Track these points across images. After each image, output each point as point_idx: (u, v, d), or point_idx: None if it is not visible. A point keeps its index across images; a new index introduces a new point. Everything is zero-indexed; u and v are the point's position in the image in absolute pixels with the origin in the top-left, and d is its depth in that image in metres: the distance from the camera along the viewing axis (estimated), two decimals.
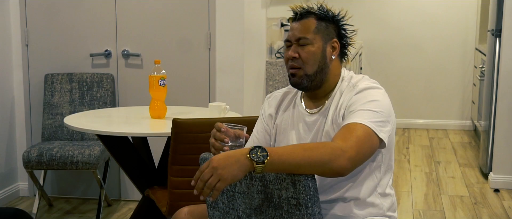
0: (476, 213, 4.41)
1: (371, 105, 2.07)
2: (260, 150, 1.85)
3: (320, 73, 2.17)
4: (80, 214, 4.33)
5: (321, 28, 2.18)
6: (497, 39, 5.08)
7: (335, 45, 2.20)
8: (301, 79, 2.17)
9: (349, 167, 1.92)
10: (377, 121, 2.04)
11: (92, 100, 4.42)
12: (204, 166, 1.84)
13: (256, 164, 1.83)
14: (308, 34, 2.16)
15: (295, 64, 2.17)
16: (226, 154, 1.85)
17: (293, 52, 2.17)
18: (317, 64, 2.17)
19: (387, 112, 2.09)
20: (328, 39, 2.19)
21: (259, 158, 1.84)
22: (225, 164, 1.82)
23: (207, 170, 1.82)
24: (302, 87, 2.20)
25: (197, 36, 4.35)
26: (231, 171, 1.82)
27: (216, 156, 1.84)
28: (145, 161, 3.52)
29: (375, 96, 2.11)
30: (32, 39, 4.53)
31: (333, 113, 2.17)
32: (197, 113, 3.59)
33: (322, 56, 2.17)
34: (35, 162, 4.02)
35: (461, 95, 7.35)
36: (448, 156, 6.10)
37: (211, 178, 1.82)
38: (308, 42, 2.16)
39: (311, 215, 1.92)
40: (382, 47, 7.43)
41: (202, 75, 4.39)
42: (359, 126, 2.00)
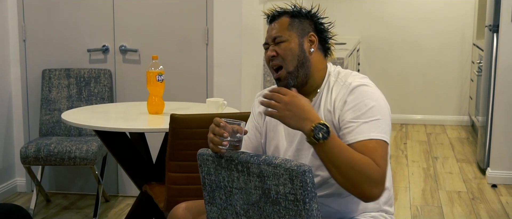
0: (474, 208, 4.42)
1: (372, 113, 2.07)
2: (325, 129, 1.93)
3: (302, 68, 2.19)
4: (77, 210, 4.34)
5: (295, 24, 2.21)
6: (494, 34, 5.08)
7: (313, 39, 2.22)
8: (286, 80, 2.19)
9: (379, 196, 1.98)
10: (382, 128, 2.06)
11: (90, 96, 4.41)
12: (284, 91, 1.99)
13: (313, 137, 1.93)
14: (283, 32, 2.21)
15: (276, 63, 2.20)
16: (305, 104, 1.97)
17: (271, 51, 2.21)
18: (296, 59, 2.18)
19: (385, 113, 2.10)
20: (303, 34, 2.22)
21: (318, 136, 1.93)
22: (294, 109, 1.96)
23: (282, 96, 1.98)
24: (290, 87, 2.18)
25: (195, 32, 4.35)
26: (292, 117, 1.96)
27: (300, 97, 1.98)
28: (143, 156, 3.52)
29: (371, 100, 2.10)
30: (29, 34, 4.52)
31: (324, 110, 2.16)
32: (195, 109, 3.59)
33: (300, 50, 2.19)
34: (33, 157, 4.02)
35: (458, 90, 7.35)
36: (446, 151, 6.11)
37: (277, 103, 1.97)
38: (283, 39, 2.20)
39: (308, 211, 1.92)
40: (380, 42, 7.43)
41: (199, 71, 4.38)
42: (376, 143, 2.02)
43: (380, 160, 1.98)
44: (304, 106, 1.96)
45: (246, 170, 2.00)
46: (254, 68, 4.73)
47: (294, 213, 1.94)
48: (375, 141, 2.01)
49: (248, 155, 2.01)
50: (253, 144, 2.32)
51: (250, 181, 2.01)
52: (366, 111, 2.07)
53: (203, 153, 2.11)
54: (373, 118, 2.05)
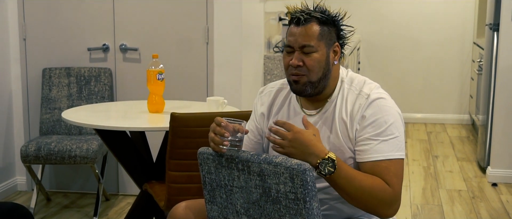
0: (474, 207, 4.42)
1: (391, 130, 2.06)
2: (331, 164, 1.95)
3: (323, 80, 2.12)
4: (78, 209, 4.34)
5: (324, 33, 2.10)
6: (495, 33, 5.08)
7: (337, 50, 2.15)
8: (304, 86, 2.11)
9: (393, 216, 2.03)
10: (402, 145, 2.08)
11: (90, 94, 4.41)
12: (288, 126, 1.97)
13: (318, 173, 1.97)
14: (313, 41, 2.08)
15: (299, 72, 2.10)
16: (309, 140, 1.96)
17: (298, 61, 2.09)
18: (322, 72, 2.11)
19: (402, 127, 2.11)
20: (330, 44, 2.12)
21: (324, 171, 1.96)
22: (299, 147, 1.95)
23: (287, 133, 1.95)
24: (305, 95, 2.15)
25: (195, 31, 4.35)
26: (297, 154, 1.95)
27: (303, 132, 1.96)
28: (143, 155, 3.52)
29: (391, 115, 2.08)
30: (29, 33, 4.52)
31: (339, 119, 2.14)
32: (195, 107, 3.59)
33: (326, 62, 2.11)
34: (33, 156, 4.02)
35: (459, 89, 7.35)
36: (446, 150, 6.11)
37: (281, 141, 1.95)
38: (313, 50, 2.08)
39: (309, 210, 1.92)
40: (380, 41, 7.43)
41: (200, 70, 4.38)
42: (393, 163, 2.04)
43: (393, 179, 2.01)
44: (309, 141, 1.95)
45: (247, 169, 1.99)
46: (255, 67, 4.73)
47: (295, 211, 1.94)
48: (390, 161, 2.04)
49: (248, 154, 2.01)
50: (252, 145, 2.31)
51: (250, 179, 2.01)
52: (385, 129, 2.05)
53: (203, 151, 2.11)
54: (392, 136, 2.05)
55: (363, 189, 1.96)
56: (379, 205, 1.97)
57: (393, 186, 2.00)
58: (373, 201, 1.96)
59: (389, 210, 2.00)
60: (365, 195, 1.96)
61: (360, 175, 2.00)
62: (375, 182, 1.98)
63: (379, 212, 1.99)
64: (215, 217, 2.16)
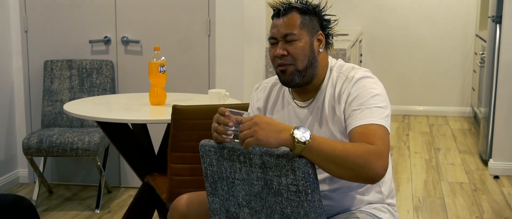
0: (476, 199, 4.42)
1: (375, 100, 2.06)
2: (303, 130, 1.88)
3: (310, 68, 2.15)
4: (80, 201, 4.34)
5: (306, 22, 2.14)
6: (497, 25, 5.07)
7: (321, 38, 2.18)
8: (292, 75, 2.14)
9: (384, 174, 1.93)
10: (385, 116, 2.05)
11: (92, 87, 4.41)
12: (247, 118, 1.92)
13: (297, 142, 1.86)
14: (294, 29, 2.13)
15: (284, 62, 2.14)
16: (273, 120, 1.90)
17: (282, 50, 2.13)
18: (307, 59, 2.14)
19: (388, 104, 2.10)
20: (313, 32, 2.16)
21: (301, 138, 1.87)
22: (266, 127, 1.88)
23: (248, 123, 1.90)
24: (293, 85, 2.17)
25: (197, 23, 4.34)
26: (268, 136, 1.88)
27: (265, 117, 1.91)
28: (145, 147, 3.52)
29: (375, 89, 2.10)
30: (31, 25, 4.52)
31: (328, 104, 2.15)
32: (197, 100, 3.59)
33: (310, 50, 2.15)
34: (35, 148, 4.02)
35: (461, 82, 7.34)
36: (448, 142, 6.10)
37: (247, 131, 1.89)
38: (295, 38, 2.13)
39: (310, 202, 1.92)
40: (382, 34, 7.41)
41: (201, 62, 4.38)
42: (377, 127, 2.00)
43: (377, 140, 1.96)
44: (271, 120, 1.92)
45: (248, 161, 1.99)
46: (256, 59, 4.72)
47: (296, 204, 1.94)
48: (376, 126, 2.00)
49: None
50: None
51: (252, 172, 2.01)
52: (369, 99, 2.06)
53: (205, 144, 2.11)
54: (376, 105, 2.05)
55: (346, 150, 1.89)
56: (366, 164, 1.89)
57: (376, 144, 1.94)
58: (360, 161, 1.89)
59: (377, 168, 1.90)
60: (350, 156, 1.89)
61: (339, 141, 1.99)
62: (357, 143, 1.96)
63: (367, 172, 1.90)
64: (217, 209, 2.16)
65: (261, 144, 1.88)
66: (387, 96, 2.13)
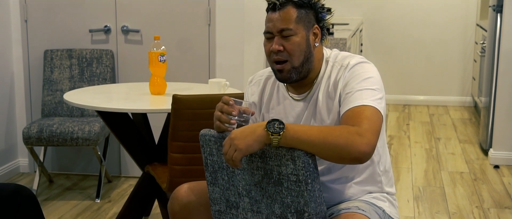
0: (476, 189, 4.42)
1: (367, 83, 2.06)
2: (278, 123, 1.90)
3: (307, 63, 2.14)
4: (80, 190, 4.35)
5: (302, 16, 2.12)
6: (498, 15, 5.06)
7: (317, 32, 2.16)
8: (289, 73, 2.13)
9: (370, 151, 1.91)
10: (376, 98, 2.04)
11: (92, 76, 4.41)
12: (226, 140, 1.95)
13: (272, 135, 1.87)
14: (291, 24, 2.10)
15: (280, 58, 2.12)
16: (244, 127, 1.94)
17: (278, 45, 2.11)
18: (303, 55, 2.12)
19: (381, 87, 2.10)
20: (309, 26, 2.14)
21: (275, 130, 1.89)
22: (241, 135, 1.91)
23: (227, 142, 1.93)
24: (291, 82, 2.16)
25: (197, 12, 4.33)
26: (246, 142, 1.90)
27: (235, 130, 1.94)
28: (145, 137, 3.52)
29: (368, 72, 2.10)
30: (31, 14, 4.51)
31: (324, 94, 2.14)
32: (197, 89, 3.59)
33: (307, 45, 2.13)
34: (35, 138, 4.02)
35: (461, 71, 7.33)
36: (448, 132, 6.10)
37: (229, 149, 1.92)
38: (291, 33, 2.10)
39: (310, 191, 1.92)
40: (383, 23, 7.40)
41: (202, 52, 4.37)
42: (365, 108, 1.99)
43: (362, 120, 1.95)
44: (243, 128, 1.94)
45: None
46: (257, 49, 4.71)
47: (297, 193, 1.94)
48: (364, 107, 2.00)
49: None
50: None
51: (252, 161, 2.01)
52: (361, 81, 2.06)
53: (205, 133, 2.11)
54: (368, 88, 2.05)
55: (322, 133, 1.90)
56: (346, 144, 1.88)
57: (360, 124, 1.93)
58: (338, 141, 1.88)
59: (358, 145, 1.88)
60: (329, 138, 1.88)
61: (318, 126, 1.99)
62: (337, 126, 1.97)
63: (349, 150, 1.88)
64: (217, 198, 2.17)
65: (245, 152, 1.91)
66: (381, 80, 2.11)
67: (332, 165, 2.16)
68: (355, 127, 1.93)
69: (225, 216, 2.17)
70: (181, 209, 2.28)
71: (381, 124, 2.01)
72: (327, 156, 1.93)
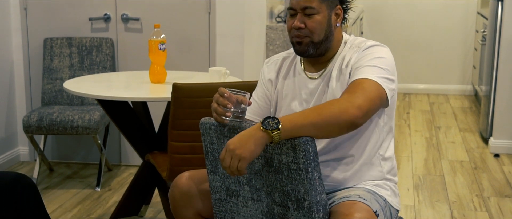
0: (476, 178, 4.42)
1: (377, 61, 2.09)
2: (271, 120, 1.89)
3: (326, 42, 2.17)
4: (80, 179, 4.35)
5: None
6: (499, 3, 5.04)
7: (339, 12, 2.19)
8: (307, 46, 2.16)
9: (360, 114, 1.94)
10: (383, 77, 2.06)
11: (92, 65, 4.40)
12: (222, 153, 1.91)
13: (272, 131, 1.87)
14: (314, 3, 2.13)
15: (301, 34, 2.15)
16: (239, 135, 1.91)
17: (300, 22, 2.14)
18: (324, 33, 2.15)
19: (392, 70, 2.12)
20: (332, 6, 2.17)
21: (272, 126, 1.88)
22: (241, 143, 1.89)
23: (226, 155, 1.90)
24: (308, 55, 2.19)
25: (197, 0, 4.32)
26: (248, 148, 1.88)
27: (231, 139, 1.90)
28: (145, 125, 3.52)
29: (381, 54, 2.13)
30: (30, 2, 4.49)
31: (338, 73, 2.17)
32: (197, 78, 3.58)
33: (328, 24, 2.16)
34: (35, 126, 4.02)
35: (462, 60, 7.32)
36: (449, 121, 6.10)
37: (231, 161, 1.89)
38: (314, 11, 2.13)
39: (311, 180, 1.92)
40: (383, 11, 7.38)
41: (202, 40, 4.36)
42: (365, 80, 2.02)
43: (357, 90, 1.98)
44: (238, 136, 1.91)
45: None
46: (257, 37, 4.70)
47: (297, 182, 1.94)
48: (364, 79, 2.02)
49: (251, 124, 2.01)
50: (262, 111, 2.33)
51: None
52: (371, 59, 2.09)
53: (205, 121, 2.10)
54: (377, 65, 2.07)
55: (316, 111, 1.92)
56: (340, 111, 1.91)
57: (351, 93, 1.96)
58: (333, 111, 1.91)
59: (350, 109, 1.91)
60: (323, 112, 1.91)
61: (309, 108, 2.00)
62: (328, 101, 1.99)
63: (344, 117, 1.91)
64: (217, 187, 2.17)
65: (249, 159, 1.89)
66: (393, 65, 2.14)
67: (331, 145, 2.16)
68: (344, 96, 1.98)
69: (225, 204, 2.17)
70: (182, 197, 2.28)
71: (379, 96, 2.03)
72: (327, 131, 1.94)
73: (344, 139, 2.15)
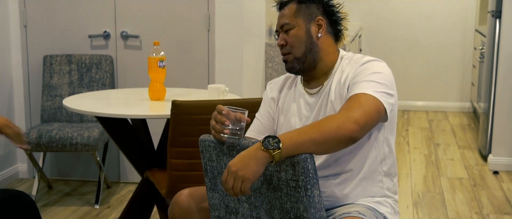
0: (475, 195, 4.42)
1: (374, 76, 2.10)
2: (271, 139, 1.89)
3: (310, 53, 2.21)
4: (79, 196, 4.34)
5: (301, 10, 2.22)
6: (497, 20, 5.06)
7: (321, 23, 2.23)
8: (292, 63, 2.23)
9: (358, 128, 1.95)
10: (380, 91, 2.07)
11: (91, 82, 4.41)
12: (224, 175, 1.91)
13: (273, 151, 1.87)
14: (290, 19, 2.23)
15: (285, 51, 2.24)
16: (240, 155, 1.91)
17: (281, 40, 2.24)
18: (304, 45, 2.21)
19: (391, 85, 2.13)
20: (310, 19, 2.23)
21: (273, 145, 1.88)
22: (242, 165, 1.88)
23: (229, 177, 1.90)
24: (296, 71, 2.25)
25: (196, 18, 4.34)
26: (251, 168, 1.88)
27: (232, 161, 1.90)
28: (144, 143, 3.52)
29: (378, 69, 2.15)
30: (30, 20, 4.51)
31: (336, 87, 2.18)
32: (196, 95, 3.59)
33: (307, 36, 2.21)
34: (34, 143, 4.02)
35: (460, 77, 7.34)
36: (448, 138, 6.10)
37: (234, 183, 1.89)
38: (290, 27, 2.22)
39: (310, 197, 1.92)
40: (382, 29, 7.41)
41: (201, 57, 4.37)
42: (362, 95, 2.04)
43: (354, 105, 1.99)
44: (239, 157, 1.91)
45: None
46: (256, 54, 4.72)
47: (296, 199, 1.94)
48: (361, 94, 2.04)
49: (249, 141, 2.01)
50: (265, 129, 2.35)
51: None
52: (368, 74, 2.11)
53: (204, 139, 2.11)
54: (374, 80, 2.09)
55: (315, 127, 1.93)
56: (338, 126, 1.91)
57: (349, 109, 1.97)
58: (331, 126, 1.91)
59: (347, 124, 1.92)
60: (322, 127, 1.91)
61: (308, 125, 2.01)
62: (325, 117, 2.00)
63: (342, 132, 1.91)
64: (217, 204, 2.16)
65: (253, 179, 1.88)
66: (392, 80, 2.16)
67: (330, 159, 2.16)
68: (341, 112, 1.99)
69: None
70: (181, 215, 2.27)
71: (376, 110, 2.03)
72: (327, 147, 1.95)
73: (344, 153, 2.16)
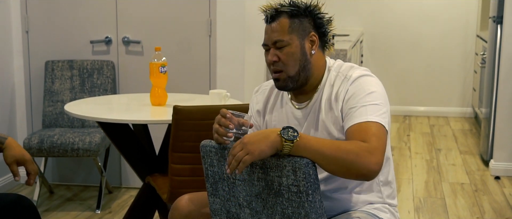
0: (477, 200, 4.41)
1: (371, 98, 2.06)
2: (292, 130, 1.90)
3: (303, 71, 2.15)
4: (80, 201, 4.34)
5: (295, 26, 2.13)
6: (498, 26, 5.07)
7: (314, 39, 2.16)
8: (285, 82, 2.15)
9: (377, 170, 1.92)
10: (381, 113, 2.04)
11: (93, 87, 4.41)
12: (237, 143, 1.93)
13: (285, 141, 1.87)
14: (283, 35, 2.12)
15: (277, 68, 2.15)
16: (258, 132, 1.93)
17: (273, 57, 2.14)
18: (298, 64, 2.14)
19: (385, 102, 2.10)
20: (304, 35, 2.15)
21: (289, 137, 1.89)
22: (255, 140, 1.90)
23: (238, 145, 1.91)
24: (288, 90, 2.19)
25: (198, 23, 4.34)
26: (259, 146, 1.89)
27: (249, 134, 1.93)
28: (146, 148, 3.52)
29: (372, 87, 2.10)
30: (32, 25, 4.52)
31: (326, 103, 2.15)
32: (198, 100, 3.59)
33: (301, 54, 2.14)
34: (36, 149, 4.02)
35: (462, 82, 7.34)
36: (449, 143, 6.10)
37: (240, 152, 1.90)
38: (284, 44, 2.12)
39: (311, 203, 1.92)
40: (383, 34, 7.41)
41: (202, 62, 4.38)
42: (371, 124, 2.00)
43: (370, 137, 1.95)
44: (257, 132, 1.93)
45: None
46: (257, 60, 4.72)
47: (297, 204, 1.94)
48: (370, 123, 2.00)
49: None
50: None
51: (253, 172, 2.01)
52: (365, 96, 2.06)
53: (206, 144, 2.11)
54: (372, 103, 2.05)
55: (336, 145, 1.91)
56: (356, 160, 1.88)
57: (369, 141, 1.94)
58: (349, 157, 1.88)
59: (369, 164, 1.89)
60: (340, 151, 1.89)
61: (330, 140, 2.00)
62: (348, 141, 1.97)
63: (359, 168, 1.89)
64: (218, 209, 2.16)
65: (257, 157, 1.89)
66: (385, 93, 2.12)
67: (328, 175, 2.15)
68: (365, 143, 1.93)
69: None
70: None
71: (386, 140, 2.02)
72: (335, 170, 1.93)
73: None
